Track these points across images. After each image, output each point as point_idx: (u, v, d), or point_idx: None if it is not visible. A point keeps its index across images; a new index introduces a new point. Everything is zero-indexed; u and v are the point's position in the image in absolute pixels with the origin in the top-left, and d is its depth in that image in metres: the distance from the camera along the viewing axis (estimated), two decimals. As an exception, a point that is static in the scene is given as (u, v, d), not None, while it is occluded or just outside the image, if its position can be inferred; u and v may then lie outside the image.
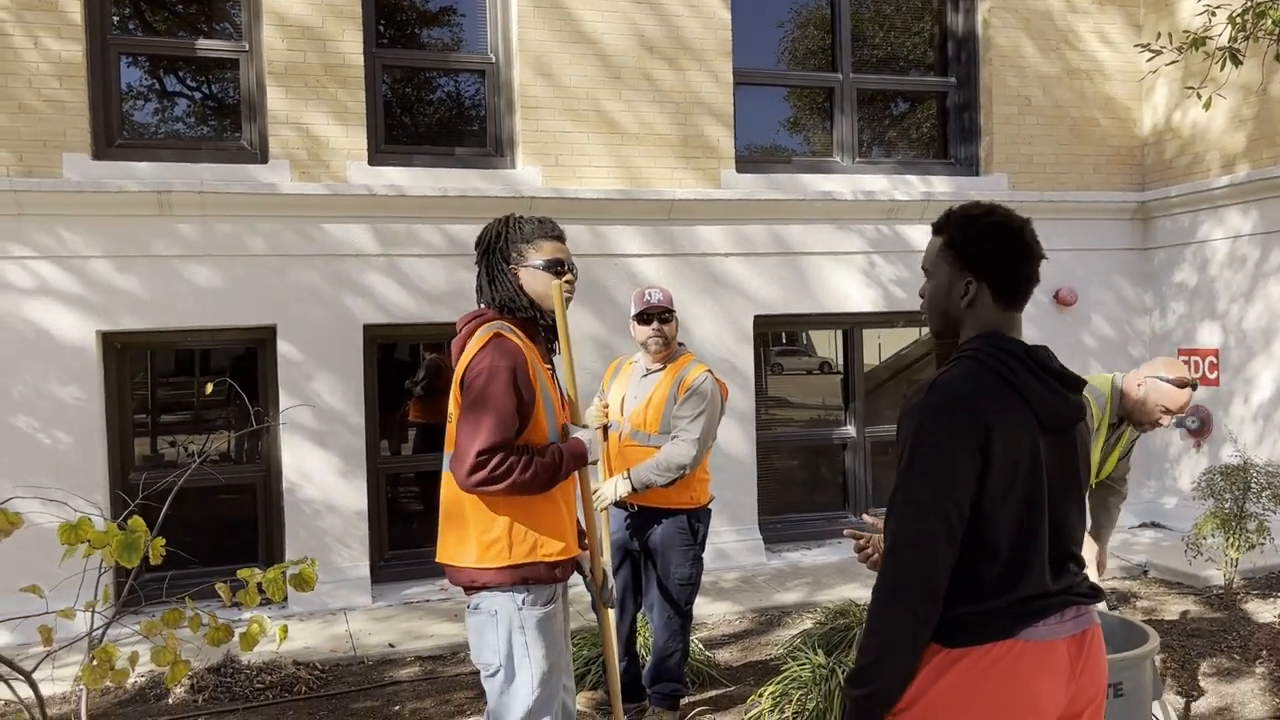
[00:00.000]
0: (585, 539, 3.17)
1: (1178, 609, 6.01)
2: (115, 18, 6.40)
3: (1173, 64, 6.53)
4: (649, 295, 4.29)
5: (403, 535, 6.93)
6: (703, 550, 4.36)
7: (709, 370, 4.29)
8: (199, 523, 6.35)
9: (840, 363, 8.00)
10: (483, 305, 3.07)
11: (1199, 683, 4.84)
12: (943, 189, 7.76)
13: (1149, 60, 6.07)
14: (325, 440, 6.44)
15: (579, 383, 3.67)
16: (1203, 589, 6.36)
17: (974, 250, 2.10)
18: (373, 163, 6.64)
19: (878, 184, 7.66)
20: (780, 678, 4.43)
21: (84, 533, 2.60)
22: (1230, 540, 5.94)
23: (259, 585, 2.84)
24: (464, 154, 6.99)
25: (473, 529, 2.86)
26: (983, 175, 8.00)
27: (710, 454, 4.35)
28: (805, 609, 6.15)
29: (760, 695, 4.40)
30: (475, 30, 7.07)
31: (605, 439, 4.29)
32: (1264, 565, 6.49)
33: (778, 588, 6.57)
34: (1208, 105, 5.80)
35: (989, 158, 7.98)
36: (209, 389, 6.34)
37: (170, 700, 4.86)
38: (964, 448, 1.94)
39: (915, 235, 7.63)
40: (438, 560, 3.01)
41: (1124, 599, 6.20)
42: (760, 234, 7.31)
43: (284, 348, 6.39)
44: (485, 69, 7.02)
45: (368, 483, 6.59)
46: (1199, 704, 4.61)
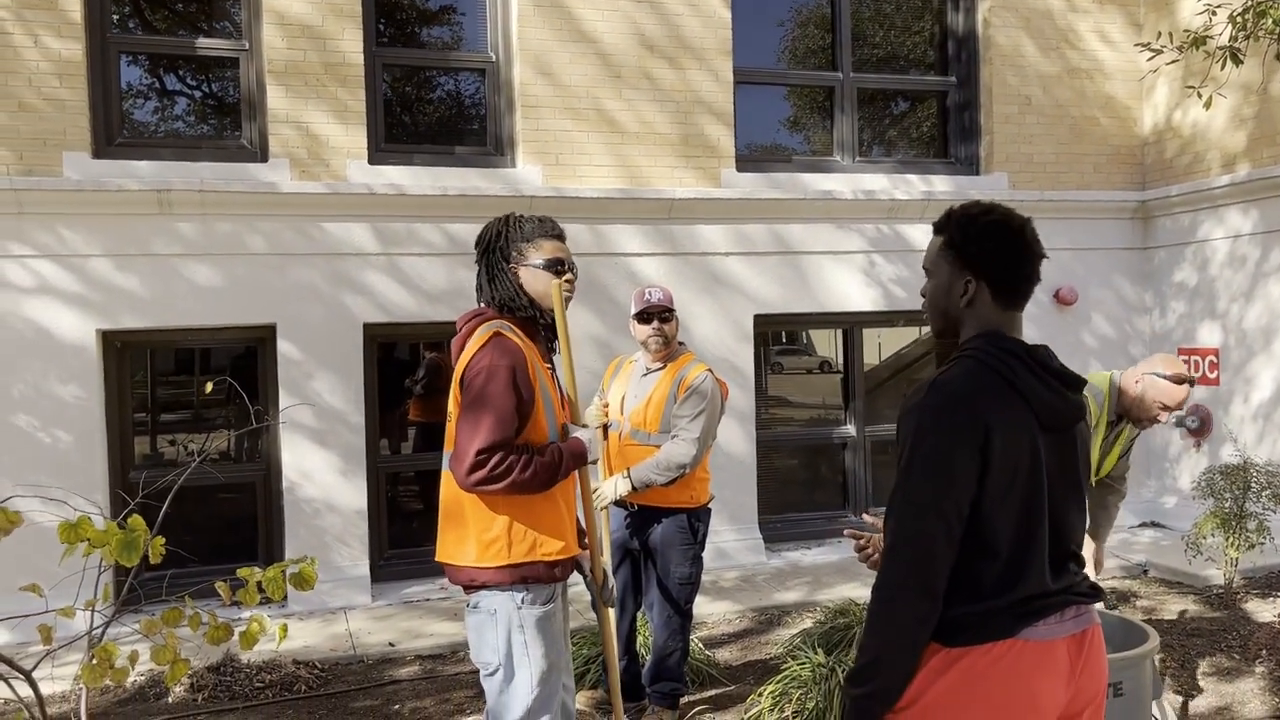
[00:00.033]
0: (585, 538, 3.17)
1: (1177, 608, 6.01)
2: (115, 16, 6.39)
3: (1173, 63, 6.52)
4: (649, 294, 4.29)
5: (402, 534, 6.93)
6: (703, 549, 4.36)
7: (709, 369, 4.30)
8: (199, 521, 6.35)
9: (840, 362, 8.00)
10: (482, 304, 3.06)
11: (1198, 682, 4.84)
12: (943, 188, 7.76)
13: (1149, 59, 6.07)
14: (325, 439, 6.44)
15: (579, 382, 3.66)
16: (1202, 588, 6.36)
17: (974, 249, 2.10)
18: (373, 162, 6.64)
19: (878, 183, 7.65)
20: (780, 677, 4.43)
21: (84, 531, 2.60)
22: (1230, 540, 5.94)
23: (259, 584, 2.83)
24: (464, 153, 6.99)
25: (472, 528, 2.86)
26: (983, 174, 8.00)
27: (710, 453, 4.35)
28: (805, 608, 6.15)
29: (760, 694, 4.40)
30: (475, 29, 7.07)
31: (605, 438, 4.29)
32: (1264, 565, 6.49)
33: (777, 587, 6.57)
34: (1208, 104, 5.80)
35: (989, 157, 7.98)
36: (209, 388, 6.34)
37: (170, 699, 4.86)
38: (964, 447, 1.94)
39: (915, 234, 7.63)
40: (437, 559, 3.01)
41: (1124, 598, 6.20)
42: (760, 233, 7.31)
43: (284, 347, 6.39)
44: (485, 68, 7.02)
45: (367, 482, 6.59)
46: (1198, 703, 4.60)
